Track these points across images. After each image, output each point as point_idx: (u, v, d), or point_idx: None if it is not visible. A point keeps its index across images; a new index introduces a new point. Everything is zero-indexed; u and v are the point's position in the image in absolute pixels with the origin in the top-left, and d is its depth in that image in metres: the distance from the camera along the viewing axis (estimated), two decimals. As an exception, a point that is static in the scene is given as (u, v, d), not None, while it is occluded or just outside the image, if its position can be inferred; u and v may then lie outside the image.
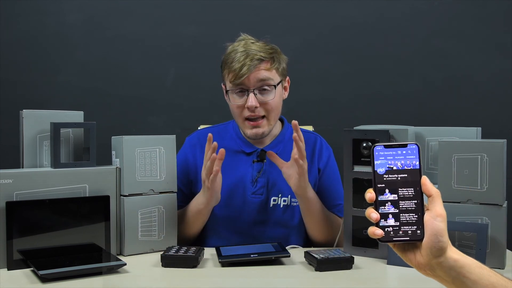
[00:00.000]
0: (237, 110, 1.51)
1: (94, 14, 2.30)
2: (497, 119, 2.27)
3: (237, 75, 1.46)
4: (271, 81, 1.49)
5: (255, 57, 1.46)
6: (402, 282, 1.19)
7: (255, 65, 1.46)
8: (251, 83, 1.47)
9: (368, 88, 2.32)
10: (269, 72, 1.49)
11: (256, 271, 1.24)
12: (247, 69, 1.45)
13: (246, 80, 1.46)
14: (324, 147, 1.63)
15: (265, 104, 1.49)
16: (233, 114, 1.55)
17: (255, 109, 1.48)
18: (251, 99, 1.47)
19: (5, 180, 1.25)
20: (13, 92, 2.27)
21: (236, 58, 1.47)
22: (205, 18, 2.32)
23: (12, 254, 1.23)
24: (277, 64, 1.51)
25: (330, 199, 1.59)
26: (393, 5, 2.31)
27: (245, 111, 1.49)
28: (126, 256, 1.37)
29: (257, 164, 1.56)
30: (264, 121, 1.51)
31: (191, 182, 1.59)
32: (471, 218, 1.25)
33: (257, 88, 1.48)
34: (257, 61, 1.46)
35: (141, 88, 2.32)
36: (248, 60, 1.46)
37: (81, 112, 1.44)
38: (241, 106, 1.50)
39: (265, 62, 1.48)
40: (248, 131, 1.52)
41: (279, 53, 1.54)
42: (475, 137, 1.37)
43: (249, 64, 1.45)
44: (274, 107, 1.51)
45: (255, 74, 1.47)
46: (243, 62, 1.45)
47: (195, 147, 1.62)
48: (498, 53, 2.29)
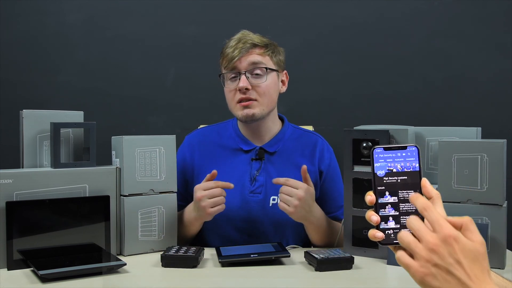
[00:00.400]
0: (230, 94, 1.53)
1: (94, 14, 2.30)
2: (497, 119, 2.27)
3: (229, 58, 1.49)
4: (263, 64, 1.51)
5: (248, 41, 1.50)
6: (402, 282, 1.19)
7: (247, 48, 1.49)
8: (243, 65, 1.49)
9: (368, 88, 2.32)
10: (261, 57, 1.51)
11: (256, 271, 1.24)
12: (239, 52, 1.48)
13: (237, 63, 1.49)
14: (326, 148, 1.63)
15: (257, 87, 1.50)
16: (227, 99, 1.55)
17: (246, 91, 1.49)
18: (243, 80, 1.48)
19: (5, 180, 1.25)
20: (13, 92, 2.27)
21: (230, 44, 1.51)
22: (205, 18, 2.32)
23: (12, 254, 1.23)
24: (271, 52, 1.53)
25: (334, 201, 1.59)
26: (393, 5, 2.31)
27: (237, 94, 1.50)
28: (126, 256, 1.37)
29: (256, 163, 1.56)
30: (255, 102, 1.51)
31: (187, 181, 1.60)
32: (471, 218, 1.25)
33: (248, 71, 1.49)
34: (249, 45, 1.50)
35: (141, 88, 2.33)
36: (241, 43, 1.49)
37: (81, 112, 1.45)
38: (234, 90, 1.51)
39: (258, 48, 1.51)
40: (239, 113, 1.52)
41: (276, 45, 1.56)
42: (475, 137, 1.37)
43: (241, 47, 1.49)
44: (266, 91, 1.51)
45: (247, 57, 1.49)
46: (235, 46, 1.49)
47: (194, 147, 1.62)
48: (498, 53, 2.29)
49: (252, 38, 1.51)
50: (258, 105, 1.51)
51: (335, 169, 1.62)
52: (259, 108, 1.51)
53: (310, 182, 1.41)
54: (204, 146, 1.62)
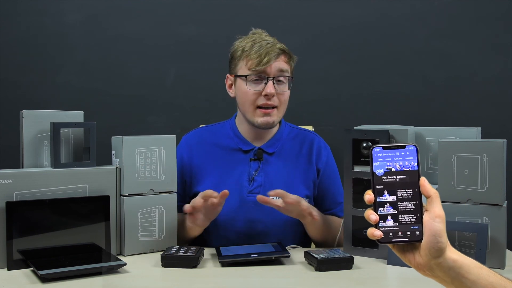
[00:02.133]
0: (251, 97, 1.51)
1: (94, 14, 2.30)
2: (497, 119, 2.27)
3: (261, 62, 1.48)
4: (287, 73, 1.53)
5: (276, 46, 1.51)
6: (402, 282, 1.19)
7: (277, 54, 1.50)
8: (272, 71, 1.50)
9: (368, 88, 2.32)
10: (287, 65, 1.53)
11: (256, 271, 1.24)
12: (269, 58, 1.48)
13: (268, 67, 1.49)
14: (323, 146, 1.64)
15: (280, 95, 1.52)
16: (244, 101, 1.54)
17: (271, 98, 1.50)
18: (270, 86, 1.49)
19: (5, 180, 1.25)
20: (13, 92, 2.27)
21: (256, 47, 1.50)
22: (205, 18, 2.32)
23: (12, 254, 1.23)
24: (292, 61, 1.56)
25: (332, 198, 1.60)
26: (393, 5, 2.31)
27: (260, 99, 1.51)
28: (126, 256, 1.37)
29: (254, 163, 1.57)
30: (275, 110, 1.53)
31: (185, 182, 1.60)
32: (471, 218, 1.25)
33: (276, 77, 1.50)
34: (279, 50, 1.51)
35: (141, 88, 2.32)
36: (270, 49, 1.49)
37: (81, 112, 1.45)
38: (257, 93, 1.51)
39: (284, 55, 1.52)
40: (259, 119, 1.52)
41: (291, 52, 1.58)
42: (475, 137, 1.37)
43: (271, 53, 1.49)
44: (286, 99, 1.54)
45: (276, 63, 1.50)
46: (265, 51, 1.49)
47: (191, 147, 1.62)
48: (498, 53, 2.29)
49: (278, 43, 1.53)
50: (277, 113, 1.53)
51: (332, 167, 1.63)
52: (277, 116, 1.54)
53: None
54: (202, 146, 1.62)
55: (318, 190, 1.60)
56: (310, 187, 1.58)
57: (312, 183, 1.58)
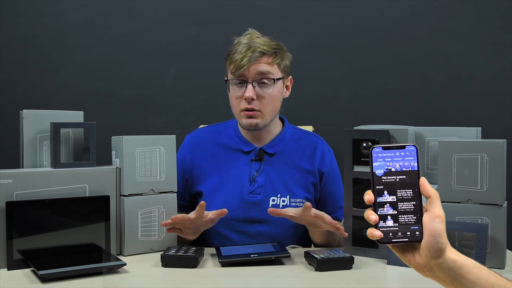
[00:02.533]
0: (235, 101, 1.52)
1: (94, 14, 2.30)
2: (497, 119, 2.27)
3: (238, 66, 1.47)
4: (271, 75, 1.50)
5: (257, 49, 1.48)
6: (402, 282, 1.19)
7: (256, 57, 1.48)
8: (251, 74, 1.48)
9: (368, 88, 2.32)
10: (269, 66, 1.50)
11: (256, 271, 1.24)
12: (248, 61, 1.47)
13: (246, 71, 1.48)
14: (326, 150, 1.64)
15: (262, 98, 1.50)
16: (232, 105, 1.56)
17: (251, 101, 1.49)
18: (249, 90, 1.48)
19: (5, 180, 1.25)
20: (13, 92, 2.27)
21: (238, 50, 1.49)
22: (205, 18, 2.32)
23: (12, 254, 1.23)
24: (279, 60, 1.52)
25: (334, 202, 1.60)
26: (393, 5, 2.31)
27: (243, 103, 1.50)
28: (126, 256, 1.37)
29: (255, 163, 1.57)
30: (258, 113, 1.51)
31: (187, 181, 1.60)
32: (471, 218, 1.25)
33: (256, 80, 1.49)
34: (258, 53, 1.48)
35: (141, 88, 2.32)
36: (250, 51, 1.47)
37: (81, 112, 1.44)
38: (240, 97, 1.51)
39: (267, 56, 1.50)
40: (243, 121, 1.52)
41: (284, 50, 1.55)
42: (475, 137, 1.37)
43: (250, 55, 1.47)
44: (270, 101, 1.51)
45: (255, 66, 1.48)
46: (244, 53, 1.47)
47: (194, 147, 1.62)
48: (498, 53, 2.29)
49: (261, 45, 1.49)
50: (261, 116, 1.52)
51: (335, 170, 1.63)
52: (262, 119, 1.53)
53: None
54: (204, 145, 1.62)
55: (321, 194, 1.60)
56: (310, 190, 1.58)
57: (313, 186, 1.58)
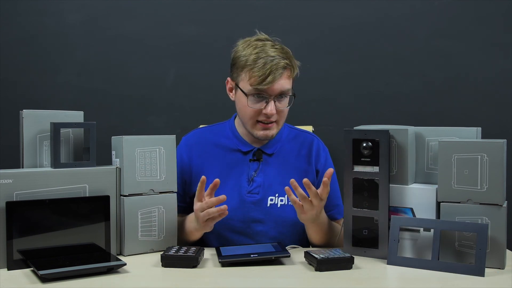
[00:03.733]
0: (252, 113, 1.52)
1: (94, 14, 2.30)
2: (497, 119, 2.27)
3: (262, 82, 1.46)
4: (290, 90, 1.52)
5: (280, 64, 1.47)
6: (402, 282, 1.20)
7: (280, 74, 1.47)
8: (274, 91, 1.48)
9: (368, 88, 2.32)
10: (289, 82, 1.51)
11: (256, 271, 1.24)
12: (273, 78, 1.46)
13: (270, 88, 1.47)
14: (321, 148, 1.65)
15: (281, 112, 1.52)
16: (244, 114, 1.54)
17: (272, 116, 1.50)
18: (271, 107, 1.49)
19: (5, 180, 1.25)
20: (13, 92, 2.27)
21: (260, 64, 1.46)
22: (205, 18, 2.32)
23: (12, 254, 1.23)
24: (295, 73, 1.54)
25: (329, 201, 1.59)
26: (393, 5, 2.31)
27: (261, 116, 1.51)
28: (126, 256, 1.37)
29: (254, 163, 1.57)
30: (274, 124, 1.54)
31: (185, 182, 1.60)
32: (471, 218, 1.25)
33: (277, 96, 1.49)
34: (282, 69, 1.48)
35: (141, 88, 2.32)
36: (274, 68, 1.46)
37: (81, 112, 1.44)
38: (258, 111, 1.51)
39: (287, 70, 1.50)
40: (259, 132, 1.53)
41: (293, 58, 1.55)
42: (475, 137, 1.37)
43: (275, 72, 1.46)
44: (286, 113, 1.55)
45: (278, 83, 1.48)
46: (269, 69, 1.46)
47: (191, 147, 1.62)
48: (498, 53, 2.29)
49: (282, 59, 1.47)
50: (276, 127, 1.54)
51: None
52: (277, 129, 1.55)
53: (328, 188, 1.36)
54: (201, 146, 1.62)
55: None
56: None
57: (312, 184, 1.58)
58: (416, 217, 1.32)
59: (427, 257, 1.27)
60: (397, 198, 1.34)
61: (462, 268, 1.20)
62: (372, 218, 1.35)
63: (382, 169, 1.33)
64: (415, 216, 1.32)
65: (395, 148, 1.35)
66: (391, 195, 1.34)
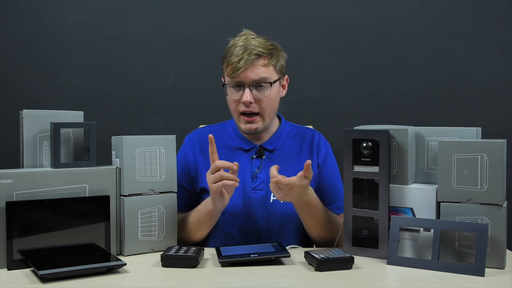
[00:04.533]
0: (233, 104, 1.53)
1: (94, 14, 2.30)
2: (497, 119, 2.27)
3: (234, 69, 1.47)
4: (268, 78, 1.50)
5: (253, 52, 1.48)
6: (402, 282, 1.19)
7: (252, 60, 1.48)
8: (248, 78, 1.48)
9: (368, 88, 2.32)
10: (266, 69, 1.50)
11: (256, 271, 1.24)
12: (244, 63, 1.47)
13: (242, 74, 1.48)
14: (322, 142, 1.65)
15: (260, 101, 1.51)
16: (230, 108, 1.56)
17: (249, 105, 1.50)
18: (246, 94, 1.48)
19: (5, 180, 1.25)
20: (13, 92, 2.27)
21: (234, 52, 1.49)
22: (205, 18, 2.32)
23: (12, 254, 1.23)
24: (275, 61, 1.52)
25: (329, 195, 1.60)
26: (393, 5, 2.31)
27: (241, 106, 1.51)
28: (126, 256, 1.37)
29: (256, 160, 1.58)
30: (258, 117, 1.53)
31: (193, 179, 1.61)
32: (471, 218, 1.25)
33: (253, 84, 1.49)
34: (254, 56, 1.48)
35: (141, 88, 2.33)
36: (246, 54, 1.47)
37: (81, 112, 1.44)
38: (237, 101, 1.51)
39: (262, 58, 1.50)
40: (243, 126, 1.54)
41: (279, 50, 1.55)
42: (475, 137, 1.37)
43: (246, 58, 1.47)
44: (268, 104, 1.52)
45: (252, 70, 1.48)
46: (240, 56, 1.47)
47: (195, 144, 1.63)
48: (498, 53, 2.29)
49: (257, 47, 1.49)
50: (261, 120, 1.53)
51: (330, 163, 1.63)
52: (262, 122, 1.54)
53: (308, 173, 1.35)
54: (204, 144, 1.63)
55: (316, 185, 1.60)
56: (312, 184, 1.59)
57: (314, 180, 1.59)
58: (416, 217, 1.32)
59: (427, 257, 1.27)
60: (397, 198, 1.34)
61: (462, 268, 1.20)
62: (372, 218, 1.35)
63: (382, 169, 1.33)
64: (415, 216, 1.32)
65: (395, 148, 1.35)
66: (391, 195, 1.34)
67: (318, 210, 1.47)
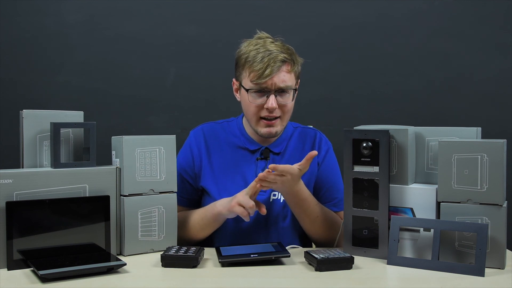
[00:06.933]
0: (254, 109, 1.52)
1: (94, 14, 2.30)
2: (497, 119, 2.27)
3: (261, 76, 1.47)
4: (292, 85, 1.52)
5: (278, 58, 1.48)
6: (402, 282, 1.19)
7: (278, 67, 1.48)
8: (274, 85, 1.49)
9: (368, 88, 2.32)
10: (290, 76, 1.51)
11: (256, 271, 1.24)
12: (271, 71, 1.47)
13: (269, 81, 1.48)
14: (323, 141, 1.66)
15: (283, 106, 1.52)
16: (248, 111, 1.55)
17: (273, 111, 1.51)
18: (272, 100, 1.49)
19: (5, 180, 1.25)
20: (13, 92, 2.27)
21: (258, 58, 1.48)
22: (205, 18, 2.32)
23: (12, 254, 1.23)
24: (296, 67, 1.54)
25: (327, 192, 1.60)
26: (393, 5, 2.31)
27: (263, 111, 1.52)
28: (126, 256, 1.37)
29: (261, 162, 1.58)
30: (278, 121, 1.54)
31: (196, 175, 1.60)
32: (471, 218, 1.25)
33: (277, 90, 1.49)
34: (280, 62, 1.48)
35: (141, 88, 2.33)
36: (272, 61, 1.47)
37: (81, 112, 1.44)
38: (260, 106, 1.51)
39: (286, 64, 1.51)
40: (262, 129, 1.54)
41: (296, 54, 1.56)
42: (475, 137, 1.37)
43: (272, 65, 1.47)
44: (289, 109, 1.55)
45: (278, 77, 1.48)
46: (267, 63, 1.47)
47: (200, 139, 1.63)
48: (498, 53, 2.29)
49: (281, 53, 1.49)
50: (280, 123, 1.54)
51: (330, 161, 1.64)
52: (281, 126, 1.55)
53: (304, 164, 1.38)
54: (210, 139, 1.63)
55: (315, 183, 1.61)
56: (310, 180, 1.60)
57: (310, 173, 1.60)
58: (416, 217, 1.32)
59: (427, 257, 1.27)
60: (397, 198, 1.34)
61: (462, 268, 1.20)
62: (372, 218, 1.35)
63: (382, 169, 1.33)
64: (415, 216, 1.32)
65: (395, 148, 1.35)
66: (391, 195, 1.34)
67: (308, 203, 1.47)
